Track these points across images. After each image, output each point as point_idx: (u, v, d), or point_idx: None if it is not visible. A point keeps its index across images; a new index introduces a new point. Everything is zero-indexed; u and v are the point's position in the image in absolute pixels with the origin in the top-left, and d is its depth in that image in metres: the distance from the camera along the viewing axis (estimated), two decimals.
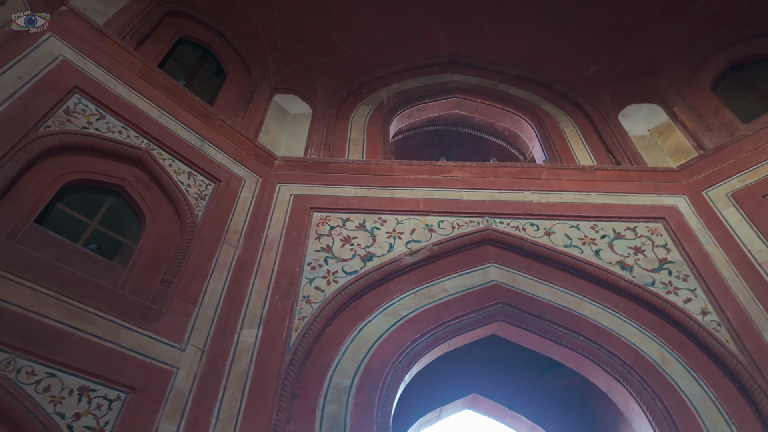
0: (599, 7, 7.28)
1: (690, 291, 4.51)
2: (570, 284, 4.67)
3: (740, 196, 5.19)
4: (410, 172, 5.61)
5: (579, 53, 7.72)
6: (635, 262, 4.77)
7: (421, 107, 7.88)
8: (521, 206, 5.31)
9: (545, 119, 7.36)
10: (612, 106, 7.36)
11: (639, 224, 5.21)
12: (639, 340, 4.22)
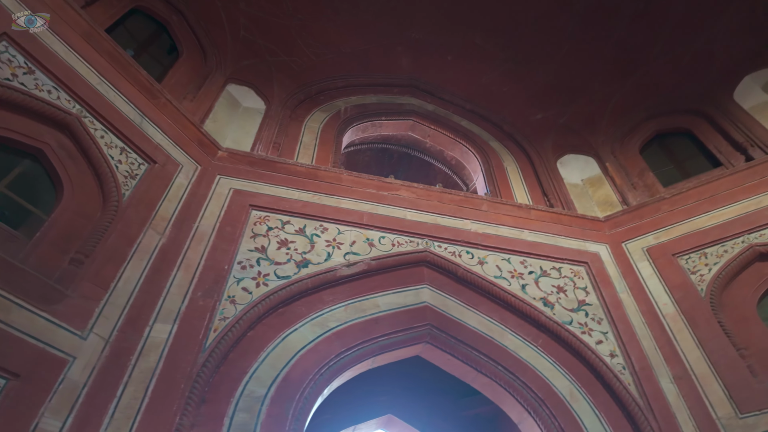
0: (553, 61, 7.80)
1: (602, 333, 4.82)
2: (496, 314, 4.81)
3: (654, 251, 5.69)
4: (358, 185, 5.58)
5: (529, 99, 8.20)
6: (557, 301, 5.03)
7: (377, 124, 7.94)
8: (460, 233, 5.44)
9: (491, 155, 7.68)
10: (552, 152, 7.85)
11: (564, 265, 5.53)
12: (552, 375, 4.42)
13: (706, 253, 5.41)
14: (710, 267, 5.27)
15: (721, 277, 5.13)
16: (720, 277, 5.14)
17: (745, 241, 5.25)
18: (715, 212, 5.66)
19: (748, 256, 5.16)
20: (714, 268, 5.24)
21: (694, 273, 5.32)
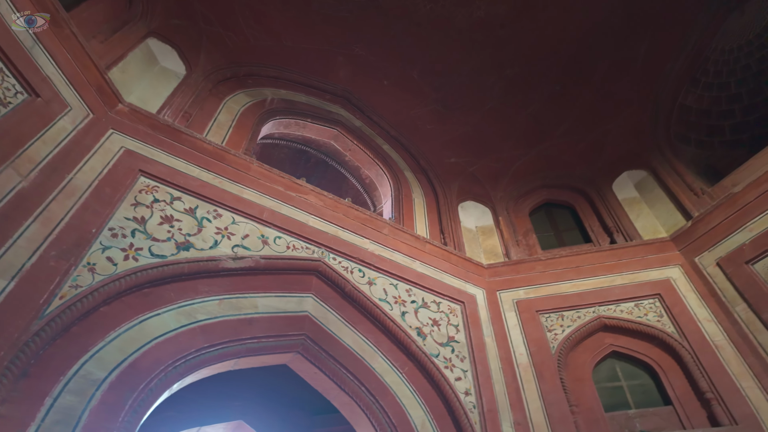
0: (476, 114, 8.40)
1: (462, 371, 5.12)
2: (372, 336, 4.88)
3: (521, 305, 6.25)
4: (267, 179, 5.38)
5: (448, 142, 8.69)
6: (430, 333, 5.26)
7: (302, 124, 7.79)
8: (358, 251, 5.48)
9: (403, 184, 7.94)
10: (457, 195, 8.35)
11: (444, 301, 5.82)
12: (410, 403, 4.57)
13: (563, 316, 6.08)
14: (564, 328, 5.92)
15: (571, 339, 5.79)
16: (570, 338, 5.80)
17: (595, 312, 6.01)
18: (577, 281, 6.41)
19: (595, 325, 5.90)
20: (567, 330, 5.89)
21: (550, 331, 5.94)
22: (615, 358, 5.80)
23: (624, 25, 7.48)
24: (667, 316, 5.76)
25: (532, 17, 7.52)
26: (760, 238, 5.53)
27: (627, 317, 5.86)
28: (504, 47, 7.85)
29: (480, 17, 7.59)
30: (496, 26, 7.67)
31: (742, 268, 5.58)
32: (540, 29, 7.63)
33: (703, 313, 5.65)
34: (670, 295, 5.91)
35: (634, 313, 5.90)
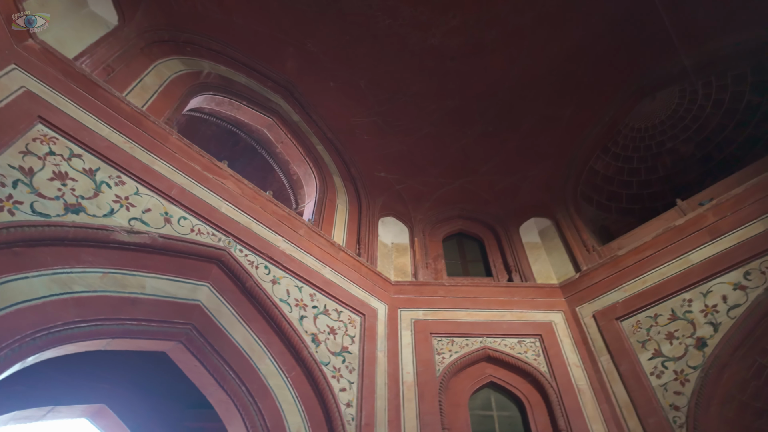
0: (412, 135, 8.64)
1: (349, 383, 5.17)
2: (264, 336, 4.78)
3: (418, 325, 6.47)
4: (184, 154, 5.09)
5: (381, 156, 8.83)
6: (325, 340, 5.26)
7: (236, 105, 7.49)
8: (268, 247, 5.35)
9: (330, 188, 7.92)
10: (380, 209, 8.49)
11: (345, 311, 5.86)
12: (289, 409, 4.52)
13: (454, 341, 6.39)
14: (452, 353, 6.22)
15: (456, 364, 6.10)
16: (455, 364, 6.10)
17: (483, 342, 6.39)
18: (473, 311, 6.79)
19: (480, 354, 6.27)
20: (454, 356, 6.20)
21: (439, 354, 6.21)
22: (492, 388, 6.19)
23: (557, 88, 8.16)
24: (543, 356, 6.27)
25: (480, 58, 7.93)
26: (631, 299, 6.25)
27: (509, 352, 6.30)
28: (450, 79, 8.19)
29: (433, 45, 7.85)
30: (446, 57, 7.99)
31: (612, 323, 6.26)
32: (484, 71, 8.06)
33: (574, 358, 6.23)
34: (550, 338, 6.46)
35: (516, 348, 6.35)
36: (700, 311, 5.56)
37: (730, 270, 5.55)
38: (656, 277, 6.17)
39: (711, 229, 5.97)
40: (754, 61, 7.57)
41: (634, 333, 5.98)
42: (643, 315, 6.03)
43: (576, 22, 7.60)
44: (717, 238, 5.87)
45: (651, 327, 5.87)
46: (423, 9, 7.46)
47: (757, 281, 5.29)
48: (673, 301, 5.86)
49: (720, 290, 5.53)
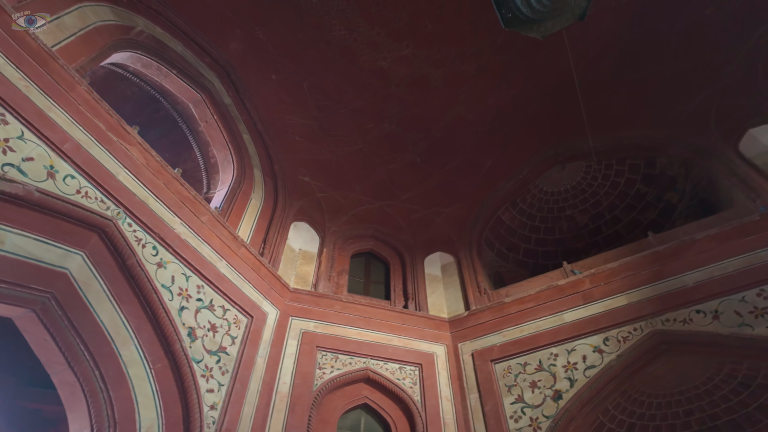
0: (345, 148, 8.68)
1: (219, 384, 4.93)
2: (135, 320, 4.42)
3: (306, 336, 6.40)
4: (90, 108, 4.63)
5: (309, 161, 8.74)
6: (203, 336, 4.99)
7: (165, 72, 7.01)
8: (161, 226, 5.00)
9: (247, 179, 7.64)
10: (295, 213, 8.35)
11: (233, 310, 5.62)
12: (146, 403, 4.19)
13: (338, 358, 6.38)
14: (334, 370, 6.21)
15: (335, 381, 6.09)
16: (335, 380, 6.09)
17: (366, 363, 6.46)
18: (364, 330, 6.86)
19: (361, 374, 6.33)
20: (335, 372, 6.18)
21: (321, 368, 6.16)
22: (364, 410, 6.25)
23: (485, 137, 8.72)
24: (419, 386, 6.48)
25: (423, 92, 8.26)
26: (508, 344, 6.71)
27: (389, 376, 6.42)
28: (391, 103, 8.40)
29: (382, 67, 8.03)
30: (392, 82, 8.20)
31: (487, 363, 6.65)
32: (424, 105, 8.40)
33: (447, 391, 6.51)
34: (429, 368, 6.70)
35: (396, 374, 6.50)
36: (562, 366, 6.12)
37: (594, 334, 6.20)
38: (533, 329, 6.70)
39: (585, 294, 6.65)
40: (647, 156, 8.69)
41: (504, 377, 6.41)
42: (514, 361, 6.49)
43: (513, 82, 8.22)
44: (588, 303, 6.54)
45: (519, 374, 6.33)
46: (379, 31, 7.63)
47: (613, 347, 5.96)
48: (542, 352, 6.39)
49: (582, 350, 6.13)
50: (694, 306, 5.74)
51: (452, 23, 7.61)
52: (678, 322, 5.72)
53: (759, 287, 5.45)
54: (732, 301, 5.53)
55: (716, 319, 5.50)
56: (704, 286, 5.82)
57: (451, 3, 7.37)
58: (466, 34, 7.74)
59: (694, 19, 7.06)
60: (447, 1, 7.34)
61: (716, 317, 5.51)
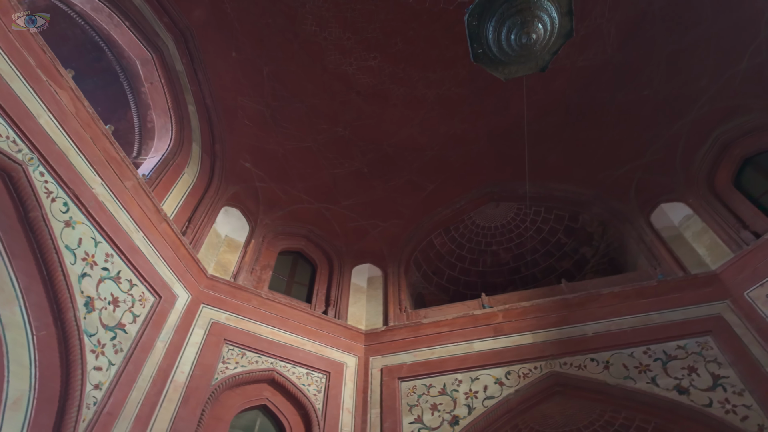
0: (294, 143, 8.51)
1: (109, 363, 4.53)
2: (25, 279, 3.95)
3: (215, 327, 6.10)
4: (21, 40, 4.16)
5: (254, 147, 8.45)
6: (101, 309, 4.57)
7: (117, 22, 6.51)
8: (79, 183, 4.57)
9: (183, 153, 7.21)
10: (228, 198, 7.98)
11: (141, 286, 5.24)
12: (18, 372, 3.73)
13: (245, 354, 6.14)
14: (238, 366, 5.96)
15: (237, 378, 5.84)
16: (236, 377, 5.84)
17: (273, 365, 6.27)
18: (278, 330, 6.68)
19: (265, 375, 6.14)
20: (239, 369, 5.94)
21: (224, 363, 5.88)
22: (263, 411, 6.03)
23: (431, 162, 8.99)
24: (323, 394, 6.39)
25: (381, 105, 8.37)
26: (418, 365, 6.84)
27: (294, 380, 6.27)
28: (349, 109, 8.41)
29: (347, 72, 8.04)
30: (354, 89, 8.23)
31: (393, 380, 6.72)
32: (379, 118, 8.51)
33: (350, 403, 6.48)
34: (337, 378, 6.64)
35: (302, 379, 6.36)
36: (464, 393, 6.33)
37: (498, 366, 6.50)
38: (443, 353, 6.88)
39: (497, 327, 6.97)
40: (572, 210, 9.38)
41: (408, 395, 6.50)
42: (420, 382, 6.62)
43: (466, 117, 8.58)
44: (498, 336, 6.86)
45: (423, 395, 6.45)
46: (350, 36, 7.65)
47: (513, 382, 6.27)
48: (448, 377, 6.57)
49: (485, 380, 6.39)
50: (590, 354, 6.22)
51: (421, 47, 7.82)
52: (574, 367, 6.16)
53: (646, 346, 6.04)
54: (622, 354, 6.07)
55: (606, 369, 6.00)
56: (601, 338, 6.35)
57: (424, 28, 7.58)
58: (432, 61, 7.99)
59: (632, 96, 7.82)
60: (420, 25, 7.54)
61: (607, 367, 6.01)
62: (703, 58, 7.13)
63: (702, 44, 7.02)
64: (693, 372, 5.65)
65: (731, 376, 5.46)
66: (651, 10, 7.02)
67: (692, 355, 5.81)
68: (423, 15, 7.41)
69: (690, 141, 7.74)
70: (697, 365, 5.69)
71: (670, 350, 5.93)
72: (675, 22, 7.01)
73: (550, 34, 3.16)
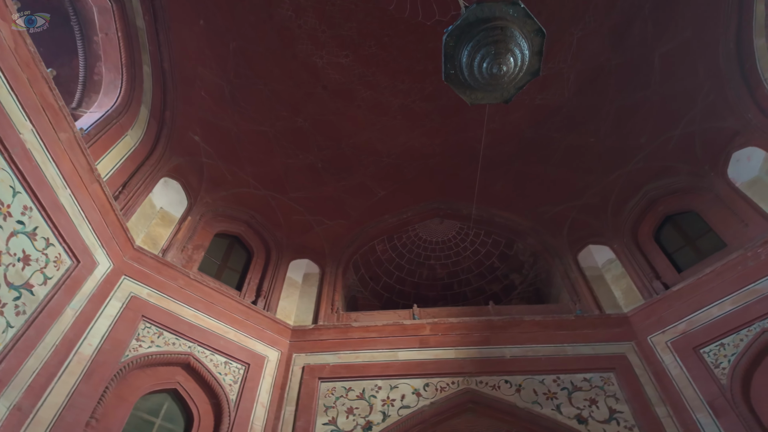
0: (251, 124, 8.27)
1: (7, 325, 4.14)
2: None
3: (134, 302, 5.75)
4: None
5: (206, 122, 8.10)
6: (8, 265, 4.17)
7: None
8: (7, 127, 4.14)
9: (129, 114, 6.76)
10: (171, 169, 7.59)
11: (57, 247, 4.83)
12: None
13: (163, 334, 5.87)
14: (153, 345, 5.67)
15: (150, 358, 5.56)
16: (149, 357, 5.55)
17: (191, 348, 6.00)
18: (201, 315, 6.43)
19: (181, 359, 5.88)
20: (153, 348, 5.67)
21: (139, 340, 5.61)
22: (172, 396, 5.74)
23: (385, 169, 9.09)
24: (239, 386, 6.20)
25: (345, 104, 8.38)
26: (340, 366, 6.83)
27: (211, 368, 6.04)
28: (313, 101, 8.31)
29: (316, 64, 7.95)
30: (321, 82, 8.15)
31: (314, 380, 6.66)
32: (343, 116, 8.50)
33: (265, 398, 6.33)
34: (256, 371, 6.47)
35: (219, 368, 6.14)
36: (381, 400, 6.40)
37: (418, 377, 6.64)
38: (368, 358, 6.93)
39: (423, 339, 7.13)
40: (509, 238, 9.83)
41: (326, 396, 6.46)
42: (341, 384, 6.61)
43: (426, 131, 8.77)
44: (423, 348, 7.02)
45: (341, 397, 6.45)
46: (326, 29, 7.59)
47: (430, 394, 6.43)
48: (368, 382, 6.61)
49: (403, 389, 6.50)
50: (505, 376, 6.53)
51: (394, 55, 7.91)
52: (488, 386, 6.43)
53: (557, 375, 6.43)
54: (534, 380, 6.43)
55: (518, 392, 6.32)
56: (518, 362, 6.68)
57: (399, 37, 7.68)
58: (402, 71, 8.10)
59: (579, 140, 8.37)
60: (396, 33, 7.63)
61: (518, 390, 6.33)
62: (645, 118, 7.79)
63: (647, 105, 7.67)
64: (593, 404, 6.09)
65: (625, 411, 5.95)
66: (608, 65, 7.57)
67: (595, 388, 6.27)
68: (400, 24, 7.51)
69: (623, 191, 8.40)
70: (598, 398, 6.15)
71: (577, 381, 6.36)
72: (627, 81, 7.61)
73: (519, 70, 3.32)
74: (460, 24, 3.34)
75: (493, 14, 3.27)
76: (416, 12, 7.36)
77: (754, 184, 6.72)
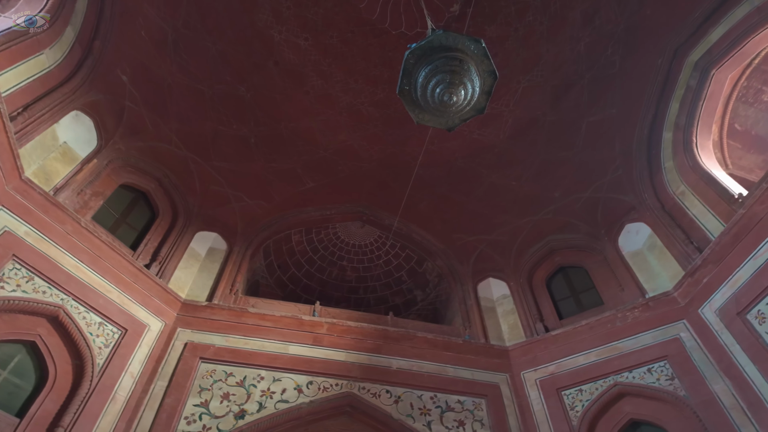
0: (184, 75, 7.76)
1: None
2: None
3: (6, 238, 5.11)
4: None
5: (137, 61, 7.46)
6: None
7: None
8: None
9: (49, 33, 6.02)
10: (84, 104, 6.88)
11: None
12: None
13: (34, 279, 5.28)
14: (19, 289, 5.08)
15: (9, 303, 4.97)
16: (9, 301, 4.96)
17: (64, 301, 5.47)
18: (87, 269, 5.90)
19: (48, 310, 5.33)
20: (18, 293, 5.10)
21: (3, 281, 4.94)
22: (28, 348, 5.11)
23: (320, 161, 9.01)
24: (110, 350, 5.72)
25: (294, 85, 8.24)
26: (227, 350, 6.58)
27: (83, 327, 5.52)
28: (259, 74, 8.03)
29: (273, 37, 7.73)
30: (272, 57, 7.93)
31: (194, 359, 6.33)
32: (288, 96, 8.32)
33: (136, 368, 5.89)
34: (133, 338, 6.03)
35: (92, 328, 5.64)
36: (261, 390, 6.26)
37: (303, 374, 6.60)
38: (257, 346, 6.75)
39: (317, 337, 7.13)
40: (421, 256, 10.18)
41: (203, 378, 6.18)
42: (222, 368, 6.37)
43: (366, 135, 8.89)
44: (315, 346, 7.01)
45: (218, 381, 6.21)
46: (291, 6, 7.46)
47: (311, 393, 6.42)
48: (251, 371, 6.44)
49: (286, 383, 6.43)
50: (387, 386, 6.73)
51: (353, 53, 7.92)
52: (370, 394, 6.58)
53: (434, 393, 6.78)
54: (413, 394, 6.70)
55: (396, 403, 6.54)
56: (402, 374, 6.93)
57: (362, 37, 7.71)
58: (358, 70, 8.12)
59: (503, 181, 8.97)
60: (360, 33, 7.66)
61: (397, 402, 6.56)
62: (563, 176, 8.54)
63: (567, 165, 8.43)
64: (461, 426, 6.49)
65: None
66: (543, 119, 8.22)
67: (465, 411, 6.69)
68: (366, 25, 7.54)
69: (529, 235, 9.11)
70: (466, 421, 6.56)
71: (452, 402, 6.74)
72: (554, 139, 8.32)
73: (467, 104, 3.50)
74: (424, 45, 3.45)
75: (456, 45, 3.43)
76: (384, 18, 7.44)
77: (636, 256, 7.65)
